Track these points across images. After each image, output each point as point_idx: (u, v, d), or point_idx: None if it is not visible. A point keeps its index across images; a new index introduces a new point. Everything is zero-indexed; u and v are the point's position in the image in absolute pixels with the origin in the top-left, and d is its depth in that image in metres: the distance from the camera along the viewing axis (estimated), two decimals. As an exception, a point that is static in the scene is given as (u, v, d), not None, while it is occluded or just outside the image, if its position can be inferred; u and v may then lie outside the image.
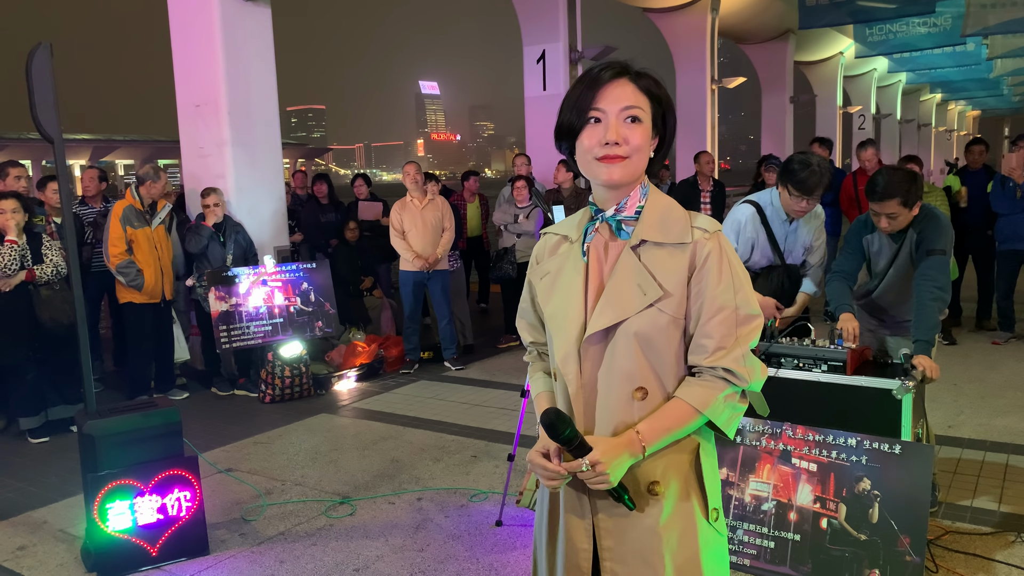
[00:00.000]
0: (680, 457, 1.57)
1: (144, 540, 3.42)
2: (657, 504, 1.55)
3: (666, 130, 1.59)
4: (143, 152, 56.44)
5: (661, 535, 1.54)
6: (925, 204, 3.46)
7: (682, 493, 1.57)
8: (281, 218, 7.06)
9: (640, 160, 1.55)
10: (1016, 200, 6.61)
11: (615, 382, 1.54)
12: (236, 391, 6.36)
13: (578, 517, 1.61)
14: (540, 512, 1.74)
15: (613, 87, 1.53)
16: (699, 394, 1.52)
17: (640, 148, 1.54)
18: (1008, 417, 5.02)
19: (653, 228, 1.55)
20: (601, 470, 1.45)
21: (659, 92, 1.57)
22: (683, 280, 1.52)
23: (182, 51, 6.68)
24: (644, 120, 1.54)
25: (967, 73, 22.42)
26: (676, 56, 13.71)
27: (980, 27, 13.14)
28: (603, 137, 1.52)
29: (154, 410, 3.54)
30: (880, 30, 16.30)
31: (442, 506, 4.00)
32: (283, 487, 4.34)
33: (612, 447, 1.47)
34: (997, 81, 24.28)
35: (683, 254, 1.53)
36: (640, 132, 1.53)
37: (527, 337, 1.82)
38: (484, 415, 5.52)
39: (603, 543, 1.58)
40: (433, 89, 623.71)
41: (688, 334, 1.55)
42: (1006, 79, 23.73)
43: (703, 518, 1.59)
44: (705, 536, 1.59)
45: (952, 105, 37.21)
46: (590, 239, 1.62)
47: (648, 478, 1.55)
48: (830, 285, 3.64)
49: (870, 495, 2.96)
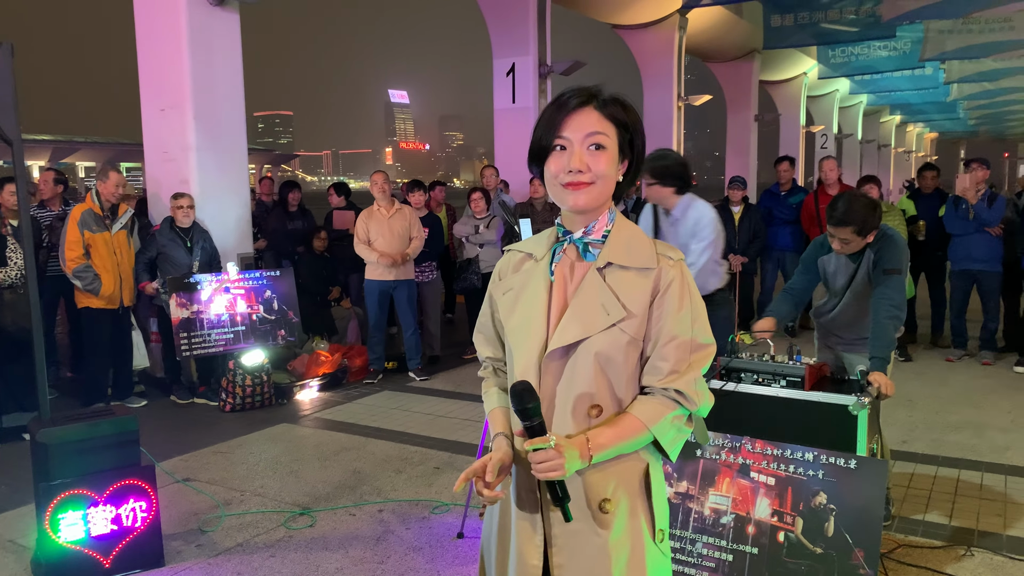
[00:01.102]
0: (631, 476, 1.60)
1: (97, 551, 3.35)
2: (607, 523, 1.57)
3: (634, 154, 1.62)
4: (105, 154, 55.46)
5: (611, 554, 1.56)
6: (882, 224, 3.55)
7: (632, 512, 1.59)
8: (246, 224, 6.98)
9: (605, 186, 1.58)
10: (968, 221, 6.79)
11: (573, 398, 1.56)
12: (196, 399, 6.26)
13: (530, 534, 1.62)
14: (489, 525, 1.75)
15: (578, 115, 1.57)
16: (649, 411, 1.55)
17: (605, 175, 1.57)
18: (960, 433, 5.14)
19: (620, 252, 1.59)
20: (560, 452, 1.47)
21: (625, 118, 1.60)
22: (646, 303, 1.56)
23: (148, 53, 6.60)
24: (608, 147, 1.57)
25: (925, 96, 23.02)
26: (644, 73, 13.87)
27: (938, 52, 13.53)
28: (567, 164, 1.56)
29: (110, 418, 3.47)
30: (842, 52, 16.69)
31: (404, 518, 3.97)
32: (242, 497, 4.28)
33: (566, 443, 1.50)
34: (954, 105, 24.95)
35: (647, 278, 1.57)
36: (604, 159, 1.56)
37: (484, 351, 1.83)
38: (448, 426, 5.51)
39: (555, 559, 1.60)
40: (403, 98, 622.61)
41: (644, 356, 1.59)
42: (962, 103, 24.41)
43: (650, 539, 1.61)
44: (652, 556, 1.61)
45: (911, 127, 38.16)
46: (558, 259, 1.65)
47: (599, 496, 1.57)
48: (777, 298, 3.83)
49: (826, 509, 3.01)
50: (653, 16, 13.31)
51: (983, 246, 6.80)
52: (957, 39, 13.12)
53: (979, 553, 3.48)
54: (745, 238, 7.79)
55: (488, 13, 10.38)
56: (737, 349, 3.48)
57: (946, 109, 26.75)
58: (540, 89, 10.21)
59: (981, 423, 5.34)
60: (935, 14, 11.74)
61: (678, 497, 3.28)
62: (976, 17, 12.46)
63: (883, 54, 16.36)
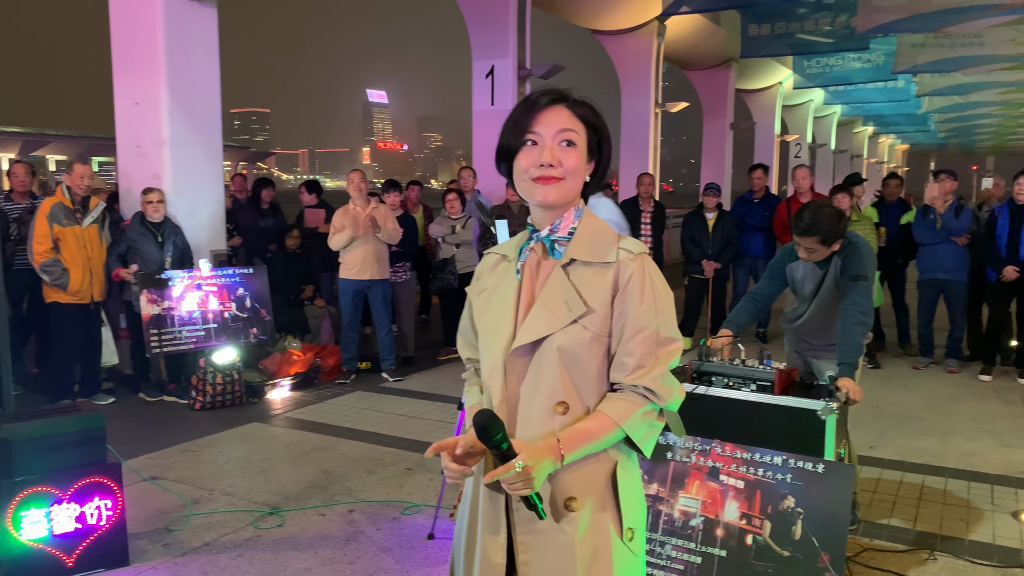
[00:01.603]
0: (597, 475, 1.60)
1: (60, 550, 3.30)
2: (573, 521, 1.57)
3: (601, 156, 1.65)
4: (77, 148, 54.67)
5: (576, 552, 1.57)
6: (848, 232, 3.61)
7: (598, 511, 1.59)
8: (219, 221, 6.92)
9: (574, 182, 1.60)
10: (936, 231, 6.92)
11: (538, 396, 1.57)
12: (165, 397, 6.19)
13: (493, 533, 1.62)
14: (460, 525, 1.76)
15: (550, 112, 1.59)
16: (619, 408, 1.56)
17: (574, 171, 1.59)
18: (926, 439, 5.23)
19: (583, 248, 1.60)
20: (529, 472, 1.46)
21: (595, 120, 1.63)
22: (607, 299, 1.57)
23: (122, 46, 6.51)
24: (579, 144, 1.60)
25: (897, 108, 23.39)
26: (622, 78, 13.95)
27: (910, 65, 13.77)
28: (539, 159, 1.58)
29: (76, 414, 3.42)
30: (817, 63, 16.91)
31: (374, 519, 3.96)
32: (210, 496, 4.23)
33: (536, 452, 1.49)
34: (925, 117, 25.38)
35: (607, 273, 1.58)
36: (575, 155, 1.59)
37: (465, 353, 1.84)
38: (421, 427, 5.49)
39: (520, 558, 1.60)
40: (381, 98, 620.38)
41: (611, 352, 1.59)
42: (933, 116, 24.83)
43: (617, 537, 1.61)
44: (619, 555, 1.61)
45: (883, 138, 38.74)
46: (524, 257, 1.66)
47: (565, 494, 1.57)
48: (739, 303, 3.90)
49: (794, 512, 3.04)
50: (632, 22, 13.39)
51: (950, 256, 6.93)
52: (929, 53, 13.36)
53: (941, 557, 3.54)
54: (718, 244, 7.86)
55: (468, 15, 10.38)
56: (709, 353, 3.52)
57: (917, 121, 27.20)
58: (519, 92, 10.22)
59: (946, 430, 5.43)
60: (908, 28, 11.92)
61: (649, 499, 3.30)
62: (947, 32, 12.69)
63: (857, 66, 16.60)
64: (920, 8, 10.95)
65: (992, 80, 15.84)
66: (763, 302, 3.85)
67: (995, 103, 20.63)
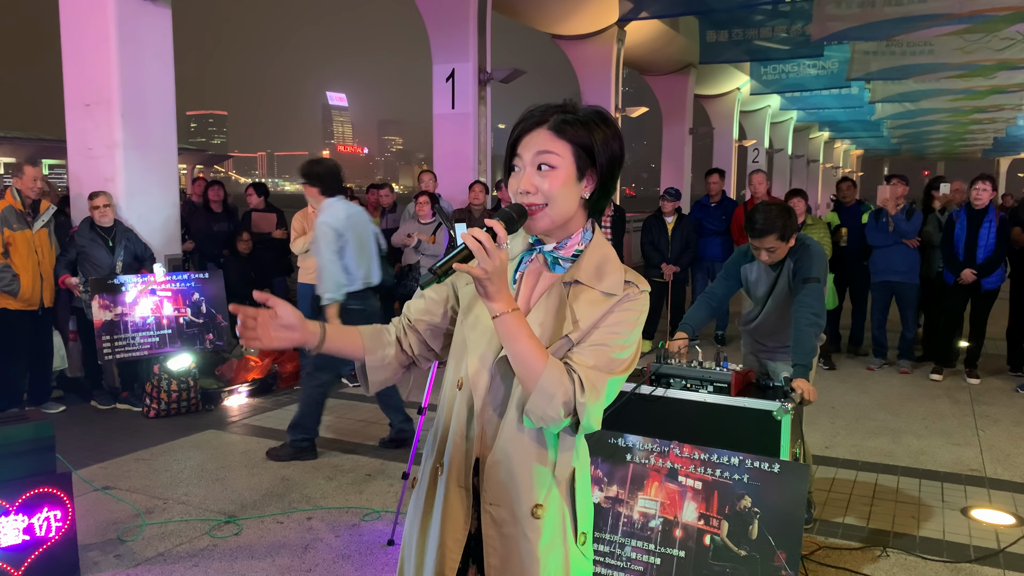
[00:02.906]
0: (562, 482, 1.62)
1: (7, 563, 3.20)
2: (537, 529, 1.58)
3: (599, 169, 1.57)
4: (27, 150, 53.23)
5: (539, 559, 1.58)
6: (800, 235, 3.68)
7: (559, 517, 1.61)
8: (174, 225, 6.79)
9: (562, 205, 1.55)
10: (888, 233, 7.08)
11: (518, 401, 1.57)
12: (118, 405, 6.05)
13: (454, 530, 1.61)
14: (411, 526, 1.73)
15: (531, 135, 1.56)
16: (559, 364, 1.49)
17: (555, 195, 1.53)
18: (879, 439, 5.34)
19: (589, 273, 1.57)
20: (503, 245, 1.43)
21: (579, 135, 1.54)
22: (598, 317, 1.54)
23: (73, 46, 6.36)
24: (559, 166, 1.53)
25: (851, 115, 23.93)
26: (582, 83, 14.04)
27: (863, 72, 14.09)
28: (518, 186, 1.55)
29: (23, 423, 3.32)
30: (774, 69, 17.23)
31: (333, 525, 3.91)
32: (165, 506, 4.15)
33: (503, 284, 1.45)
34: (878, 123, 25.98)
35: (608, 302, 1.55)
36: (552, 179, 1.53)
37: (413, 312, 1.74)
38: (381, 433, 5.44)
39: (489, 560, 1.60)
40: (341, 101, 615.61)
41: None
42: (886, 122, 25.43)
43: (573, 541, 1.64)
44: (574, 559, 1.65)
45: (838, 144, 39.57)
46: (524, 267, 1.65)
47: (532, 501, 1.58)
48: (694, 304, 3.95)
49: (750, 512, 3.08)
50: (592, 28, 13.49)
51: (901, 258, 7.10)
52: (881, 60, 13.70)
53: (894, 554, 3.62)
54: (677, 248, 7.95)
55: (428, 18, 10.36)
56: (666, 356, 3.55)
57: (871, 127, 27.83)
58: (480, 96, 10.23)
59: (898, 429, 5.55)
60: (861, 36, 12.21)
61: (608, 501, 3.32)
62: (899, 40, 13.01)
63: (812, 72, 16.95)
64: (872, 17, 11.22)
65: (942, 87, 16.27)
66: (718, 302, 3.90)
67: (945, 110, 21.23)
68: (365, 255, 4.79)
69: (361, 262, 4.75)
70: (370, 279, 4.84)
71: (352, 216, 4.72)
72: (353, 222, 4.70)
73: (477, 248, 1.39)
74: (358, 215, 4.80)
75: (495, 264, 1.41)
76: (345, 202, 4.81)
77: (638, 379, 3.50)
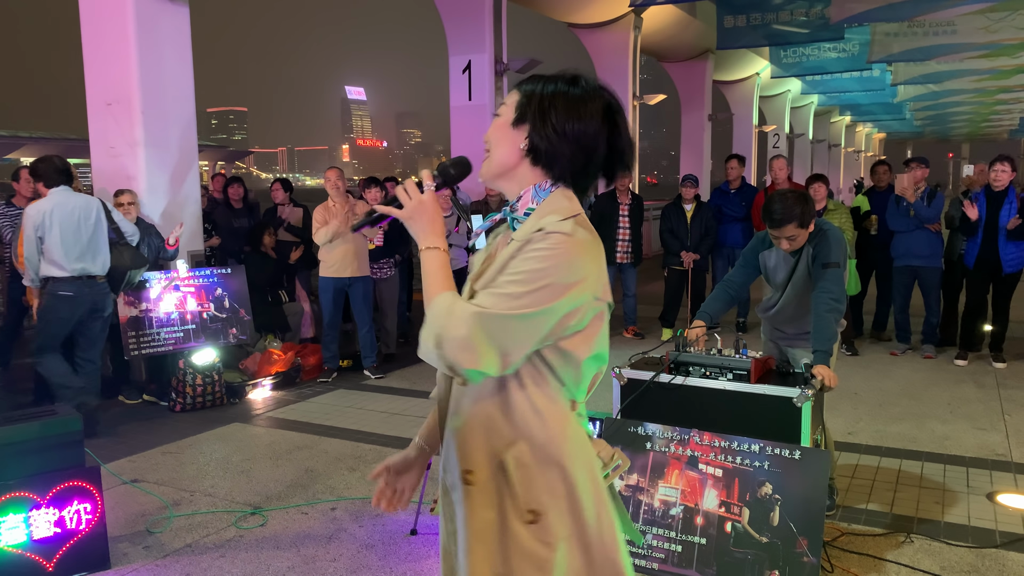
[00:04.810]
0: (504, 451, 1.54)
1: (39, 555, 3.27)
2: (470, 495, 1.58)
3: (535, 121, 1.52)
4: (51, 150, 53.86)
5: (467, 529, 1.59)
6: (819, 220, 3.66)
7: (493, 487, 1.56)
8: (196, 222, 6.87)
9: (497, 151, 1.58)
10: (908, 218, 7.00)
11: None
12: (145, 399, 6.15)
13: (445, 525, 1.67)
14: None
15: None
16: (446, 300, 1.46)
17: (492, 140, 1.59)
18: (902, 424, 5.30)
19: (527, 228, 1.53)
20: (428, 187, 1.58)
21: (527, 86, 1.57)
22: (504, 264, 1.50)
23: (93, 46, 6.44)
24: (503, 114, 1.59)
25: (873, 97, 23.61)
26: (600, 71, 13.98)
27: (885, 54, 13.90)
28: None
29: (53, 418, 3.40)
30: (794, 53, 17.03)
31: (356, 516, 3.96)
32: (192, 498, 4.21)
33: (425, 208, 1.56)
34: (900, 106, 25.63)
35: (516, 248, 1.50)
36: (493, 125, 1.59)
37: None
38: (403, 424, 5.49)
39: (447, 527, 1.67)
40: (360, 95, 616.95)
41: None
42: (908, 104, 25.08)
43: (515, 518, 1.60)
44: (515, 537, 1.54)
45: (860, 127, 39.10)
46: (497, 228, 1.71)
47: (465, 466, 1.56)
48: (712, 292, 3.94)
49: (771, 499, 3.08)
50: (608, 15, 13.42)
51: (923, 242, 7.02)
52: (903, 42, 13.50)
53: (918, 539, 3.60)
54: (697, 235, 7.91)
55: (444, 10, 10.36)
56: (685, 344, 3.54)
57: (893, 110, 27.46)
58: (496, 86, 10.23)
59: (922, 414, 5.50)
60: (882, 17, 12.03)
61: (628, 490, 3.33)
62: (921, 21, 12.82)
63: (833, 55, 16.73)
64: (892, -3, 11.06)
65: (966, 68, 16.02)
66: (736, 290, 3.88)
67: (969, 91, 20.87)
68: (79, 245, 5.09)
69: (72, 251, 5.06)
70: (89, 268, 5.16)
71: (60, 207, 5.04)
72: (60, 213, 5.03)
73: (400, 191, 1.56)
74: (73, 207, 5.11)
75: (413, 204, 1.54)
76: (65, 194, 5.13)
77: (657, 368, 3.50)
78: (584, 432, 1.63)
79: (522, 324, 1.42)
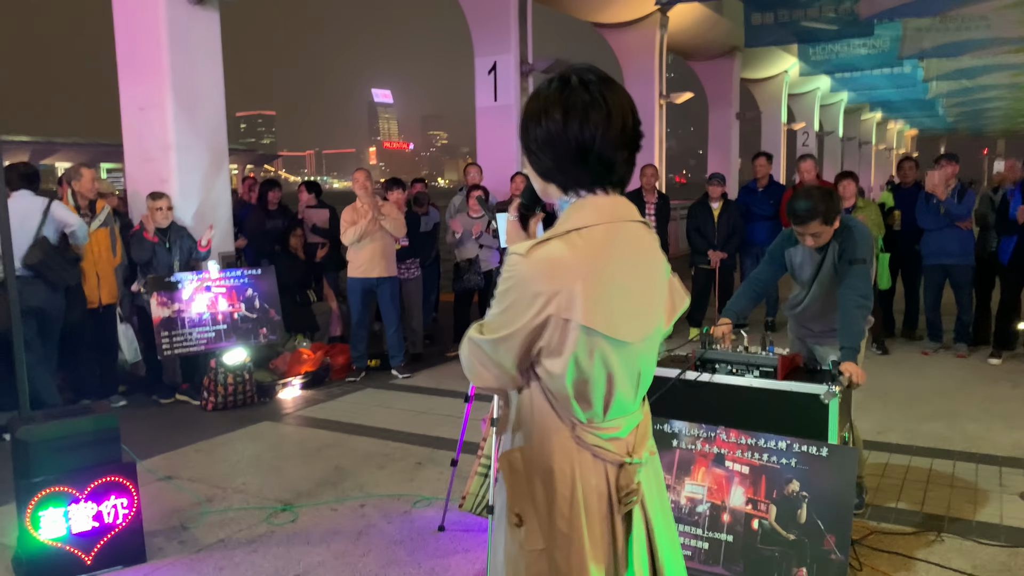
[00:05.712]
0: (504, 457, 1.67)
1: (78, 548, 3.36)
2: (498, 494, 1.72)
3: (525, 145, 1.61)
4: (85, 155, 54.92)
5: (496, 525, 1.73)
6: (844, 216, 3.63)
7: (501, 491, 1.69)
8: (227, 224, 6.98)
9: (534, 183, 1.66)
10: (939, 216, 6.89)
11: None
12: (178, 398, 6.26)
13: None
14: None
15: None
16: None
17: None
18: (933, 423, 5.23)
19: None
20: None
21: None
22: None
23: (127, 52, 6.58)
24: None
25: (905, 94, 23.26)
26: (625, 71, 13.95)
27: (916, 50, 13.69)
28: None
29: (90, 415, 3.49)
30: (823, 50, 16.84)
31: (385, 512, 4.01)
32: (224, 494, 4.29)
33: None
34: (933, 102, 25.24)
35: None
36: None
37: None
38: (430, 422, 5.54)
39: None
40: (386, 97, 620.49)
41: None
42: (941, 100, 24.70)
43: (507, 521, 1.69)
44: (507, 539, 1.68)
45: (891, 124, 38.53)
46: None
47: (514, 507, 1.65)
48: (738, 290, 3.95)
49: (799, 496, 3.07)
50: (634, 14, 13.38)
51: (954, 240, 6.91)
52: (934, 37, 13.28)
53: (949, 538, 3.56)
54: (724, 234, 7.87)
55: (469, 12, 10.41)
56: (711, 341, 3.54)
57: (925, 106, 27.05)
58: (522, 87, 10.25)
59: (954, 413, 5.43)
60: (912, 12, 11.86)
61: (655, 487, 3.33)
62: (953, 15, 12.60)
63: (863, 52, 16.52)
64: (923, -8, 10.90)
65: (1000, 62, 15.73)
66: (762, 287, 3.87)
67: (1004, 85, 20.50)
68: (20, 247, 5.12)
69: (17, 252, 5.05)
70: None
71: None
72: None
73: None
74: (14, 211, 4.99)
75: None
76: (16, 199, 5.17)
77: (683, 365, 3.50)
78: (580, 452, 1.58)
79: (494, 347, 1.53)
